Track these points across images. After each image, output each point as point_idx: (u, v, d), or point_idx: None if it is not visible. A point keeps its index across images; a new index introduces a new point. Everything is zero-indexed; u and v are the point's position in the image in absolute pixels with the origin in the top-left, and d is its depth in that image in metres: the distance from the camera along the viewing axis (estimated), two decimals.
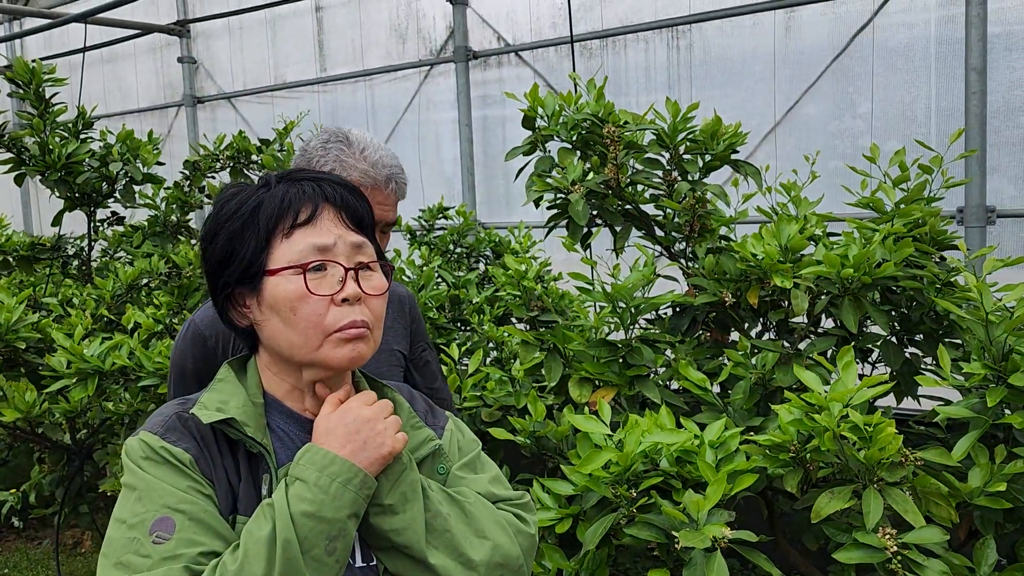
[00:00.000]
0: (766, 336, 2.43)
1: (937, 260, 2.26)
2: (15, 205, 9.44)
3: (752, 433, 1.74)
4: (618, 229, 2.41)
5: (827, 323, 2.35)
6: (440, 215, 4.60)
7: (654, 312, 2.60)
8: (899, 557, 1.39)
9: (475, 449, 1.33)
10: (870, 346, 2.28)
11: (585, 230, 2.51)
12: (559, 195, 2.28)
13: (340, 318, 1.16)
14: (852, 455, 1.48)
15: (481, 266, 4.35)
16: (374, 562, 1.18)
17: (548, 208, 2.43)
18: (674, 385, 2.34)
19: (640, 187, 2.38)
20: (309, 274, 1.14)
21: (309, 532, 1.06)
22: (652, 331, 2.30)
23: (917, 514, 1.44)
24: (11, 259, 3.71)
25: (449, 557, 1.16)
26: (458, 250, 4.44)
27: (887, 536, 1.41)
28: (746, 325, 2.34)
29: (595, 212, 2.38)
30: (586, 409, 1.88)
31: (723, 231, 2.53)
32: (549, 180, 2.30)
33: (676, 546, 1.42)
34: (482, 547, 1.19)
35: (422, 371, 1.95)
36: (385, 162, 1.73)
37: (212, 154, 4.04)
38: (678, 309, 2.42)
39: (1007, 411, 1.74)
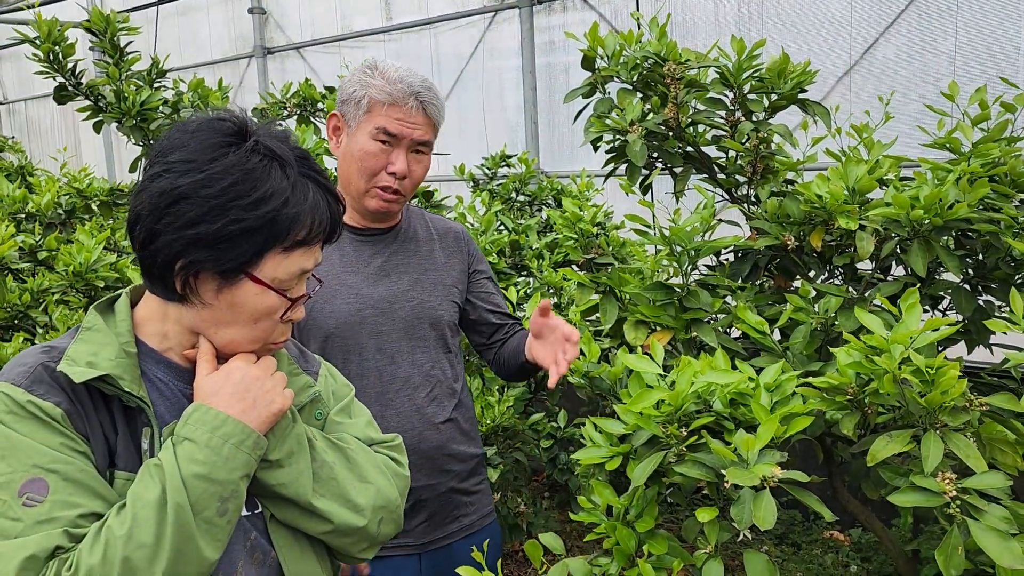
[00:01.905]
0: (832, 283, 2.36)
1: (1017, 203, 2.16)
2: (99, 155, 9.77)
3: (811, 378, 1.70)
4: (678, 171, 2.36)
5: (898, 271, 2.27)
6: (503, 163, 4.58)
7: (715, 258, 2.56)
8: (958, 502, 1.35)
9: (348, 394, 1.37)
10: (941, 293, 2.20)
11: (644, 172, 2.47)
12: (618, 136, 2.24)
13: (280, 335, 1.20)
14: (913, 398, 1.44)
15: (543, 213, 4.34)
16: (259, 510, 1.20)
17: (607, 152, 2.40)
18: (735, 333, 2.31)
19: (701, 128, 2.32)
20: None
21: (201, 494, 1.04)
22: (712, 276, 2.26)
23: (980, 459, 1.39)
24: (93, 204, 3.85)
25: (337, 503, 1.19)
26: (520, 198, 4.43)
27: (946, 480, 1.37)
28: (812, 272, 2.28)
29: (654, 154, 2.33)
30: (639, 350, 1.87)
31: (790, 176, 2.45)
32: (608, 121, 2.26)
33: (725, 485, 1.41)
34: (366, 491, 1.23)
35: (485, 298, 2.05)
36: (407, 80, 1.80)
37: (279, 102, 4.10)
38: (740, 254, 2.37)
39: None
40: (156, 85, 3.50)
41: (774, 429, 1.42)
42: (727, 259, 2.44)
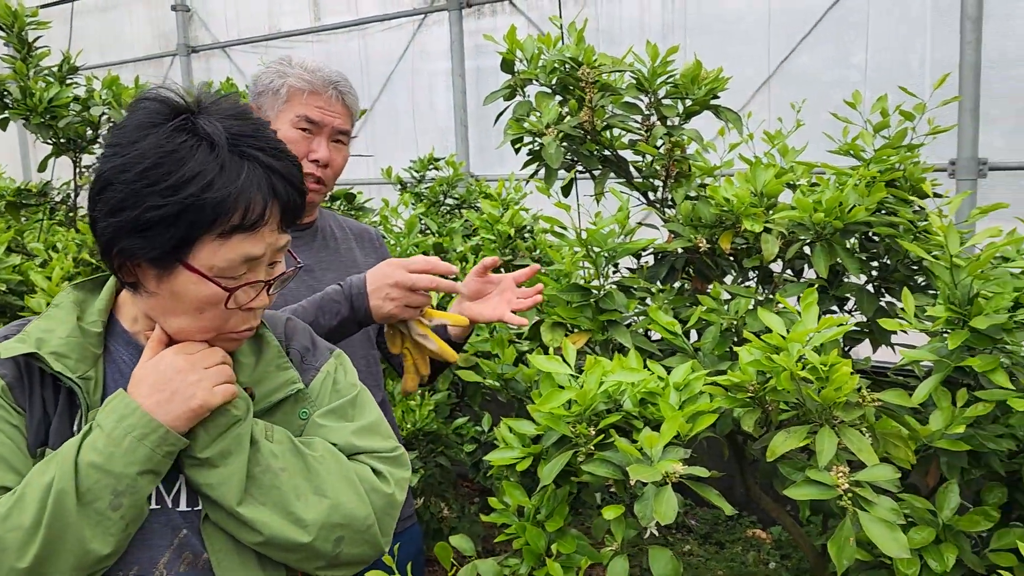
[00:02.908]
0: (748, 285, 2.43)
1: (916, 208, 2.25)
2: (14, 153, 9.42)
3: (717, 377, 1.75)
4: (596, 174, 2.39)
5: (810, 273, 2.34)
6: (431, 166, 4.57)
7: (636, 260, 2.60)
8: (850, 495, 1.40)
9: (351, 393, 1.26)
10: (848, 295, 2.27)
11: (561, 175, 2.50)
12: (535, 139, 2.26)
13: (240, 323, 1.13)
14: (809, 395, 1.49)
15: (474, 213, 4.34)
16: (199, 507, 1.14)
17: (528, 154, 2.42)
18: (655, 335, 2.35)
19: (618, 132, 2.36)
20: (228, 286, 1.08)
21: (93, 484, 1.02)
22: (629, 278, 2.30)
23: (871, 453, 1.45)
24: None
25: (272, 514, 1.10)
26: (449, 201, 4.42)
27: (839, 474, 1.42)
28: (731, 274, 2.33)
29: (572, 157, 2.36)
30: (551, 351, 1.89)
31: (708, 180, 2.51)
32: (525, 124, 2.28)
33: (631, 482, 1.44)
34: (318, 505, 1.12)
35: None
36: (325, 70, 1.81)
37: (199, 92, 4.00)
38: (658, 257, 2.41)
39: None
40: (68, 82, 3.39)
41: (677, 426, 1.45)
42: (647, 262, 2.49)
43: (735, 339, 2.09)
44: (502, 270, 2.33)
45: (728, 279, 2.39)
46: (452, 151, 5.53)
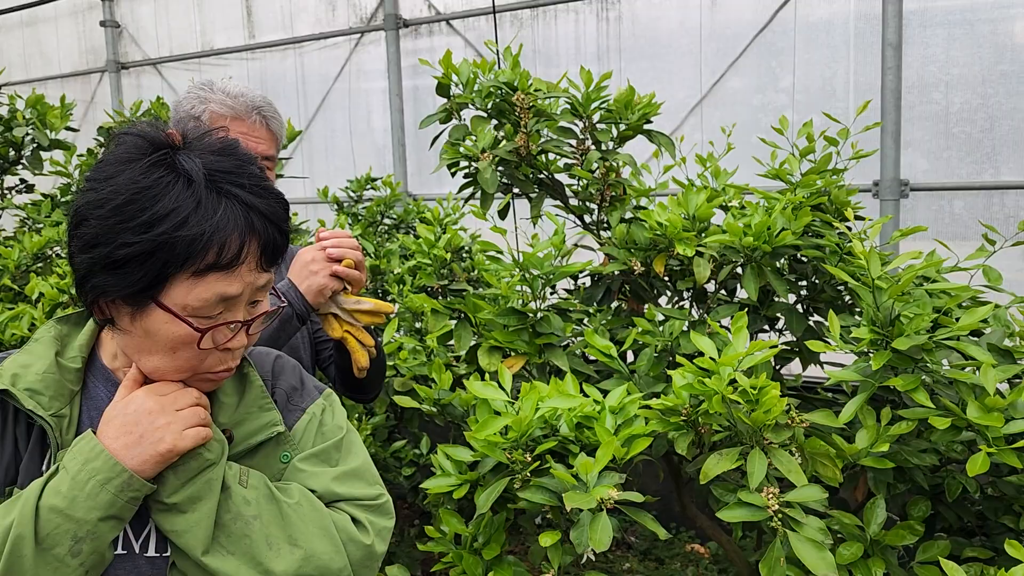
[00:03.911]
0: (682, 305, 2.47)
1: (843, 231, 2.32)
2: None
3: (651, 400, 1.77)
4: (532, 197, 2.41)
5: (743, 293, 2.39)
6: (368, 186, 4.55)
7: (574, 283, 2.62)
8: (780, 515, 1.43)
9: (337, 436, 1.22)
10: (779, 315, 2.33)
11: (498, 198, 2.51)
12: (471, 163, 2.27)
13: (217, 363, 1.10)
14: (740, 417, 1.51)
15: (410, 237, 4.33)
16: (167, 553, 1.09)
17: (464, 177, 2.42)
18: (593, 357, 2.37)
19: (553, 156, 2.38)
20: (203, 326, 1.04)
21: (53, 529, 0.99)
22: (565, 301, 2.32)
23: (800, 473, 1.48)
24: None
25: (244, 564, 1.06)
26: (386, 221, 4.40)
27: (770, 495, 1.45)
28: (667, 295, 2.37)
29: (508, 181, 2.38)
30: (487, 376, 1.89)
31: (644, 202, 2.55)
32: (461, 149, 2.29)
33: (568, 509, 1.44)
34: (290, 555, 1.08)
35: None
36: (248, 95, 1.78)
37: (128, 121, 3.92)
38: (595, 279, 2.44)
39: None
40: None
41: (611, 451, 1.46)
42: (584, 283, 2.51)
43: (670, 360, 2.12)
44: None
45: (664, 300, 2.43)
46: (390, 171, 5.51)
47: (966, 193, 3.78)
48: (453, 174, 2.44)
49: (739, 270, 2.18)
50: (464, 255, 3.02)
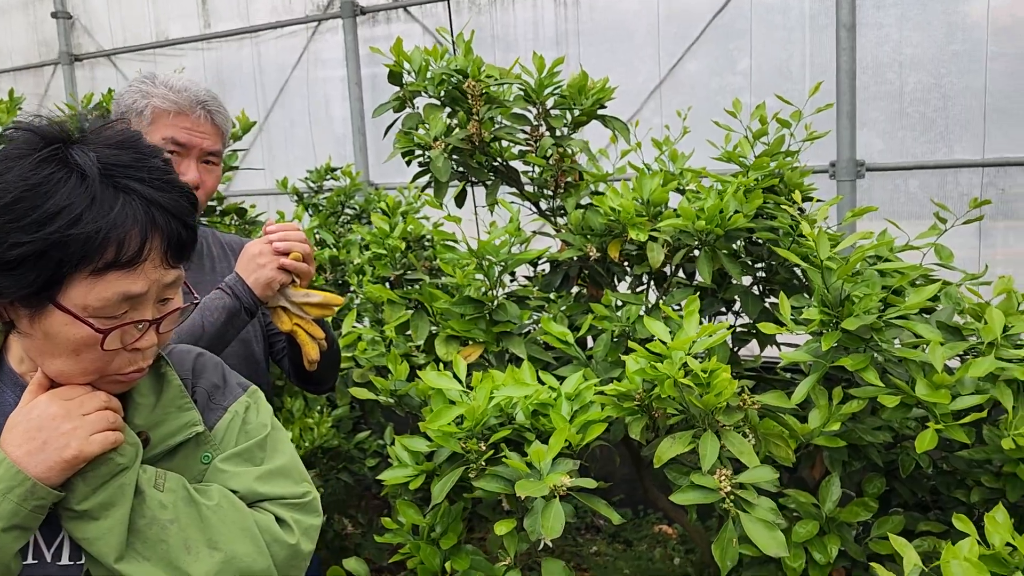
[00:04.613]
0: (642, 290, 2.47)
1: (798, 212, 2.33)
2: None
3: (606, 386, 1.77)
4: (488, 185, 2.40)
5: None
6: (328, 176, 4.50)
7: (533, 270, 2.61)
8: (732, 497, 1.44)
9: (261, 434, 1.19)
10: (735, 297, 2.34)
11: (457, 187, 2.50)
12: (424, 152, 2.25)
13: (127, 364, 1.06)
14: (692, 401, 1.52)
15: (368, 228, 4.29)
16: (81, 561, 1.06)
17: (419, 166, 2.40)
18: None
19: (507, 143, 2.37)
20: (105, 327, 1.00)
21: None
22: (523, 288, 2.31)
23: (752, 455, 1.49)
24: None
25: (161, 570, 1.04)
26: (348, 211, 4.36)
27: (722, 477, 1.46)
28: (627, 280, 2.37)
29: (463, 169, 2.36)
30: (442, 366, 1.88)
31: (602, 187, 2.55)
32: (414, 137, 2.26)
33: (522, 497, 1.44)
34: (210, 559, 1.06)
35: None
36: (192, 89, 1.76)
37: (80, 114, 3.84)
38: (553, 266, 2.44)
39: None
40: None
41: (564, 438, 1.46)
42: (542, 270, 2.51)
43: (627, 345, 2.12)
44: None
45: (624, 285, 2.43)
46: (351, 160, 5.46)
47: (921, 172, 3.83)
48: (408, 163, 2.42)
49: (695, 253, 2.19)
50: (426, 244, 3.01)
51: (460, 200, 2.57)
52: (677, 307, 2.18)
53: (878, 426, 1.85)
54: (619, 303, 2.17)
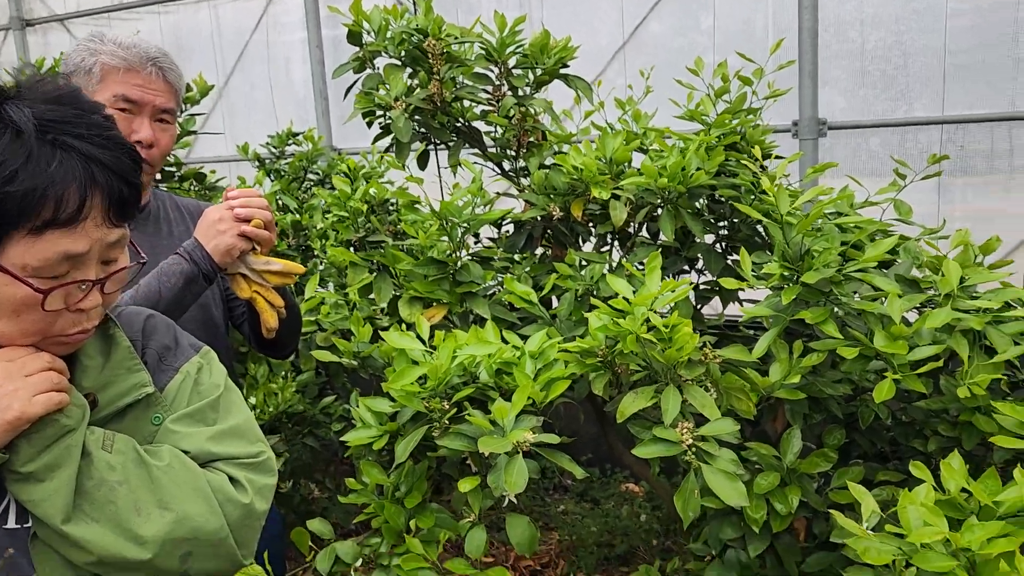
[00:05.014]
0: (605, 250, 2.47)
1: (761, 168, 2.34)
2: None
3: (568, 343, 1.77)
4: (451, 146, 2.38)
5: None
6: (290, 141, 4.43)
7: (498, 232, 2.60)
8: (694, 449, 1.46)
9: (213, 395, 1.18)
10: (699, 255, 2.35)
11: (421, 149, 2.47)
12: (384, 113, 2.22)
13: (71, 325, 1.04)
14: (654, 356, 1.53)
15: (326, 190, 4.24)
16: (28, 524, 1.06)
17: (380, 128, 2.37)
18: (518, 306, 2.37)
19: (469, 103, 2.34)
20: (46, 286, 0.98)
21: None
22: (487, 249, 2.30)
23: (713, 408, 1.51)
24: None
25: (110, 531, 1.03)
26: (311, 176, 4.30)
27: (684, 430, 1.47)
28: (592, 240, 2.37)
29: (425, 131, 2.33)
30: (405, 328, 1.87)
31: (567, 148, 2.53)
32: (375, 99, 2.23)
33: (486, 454, 1.45)
34: (160, 519, 1.05)
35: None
36: (142, 46, 1.73)
37: (13, 71, 3.73)
38: (517, 227, 2.42)
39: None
40: None
41: (528, 394, 1.46)
42: (507, 232, 2.50)
43: (591, 303, 2.13)
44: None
45: (591, 245, 2.43)
46: (314, 125, 5.38)
47: (882, 130, 3.86)
48: (369, 124, 2.39)
49: (658, 212, 2.19)
50: (390, 209, 2.98)
51: (423, 162, 2.55)
52: (640, 265, 2.19)
53: (838, 379, 1.88)
54: (583, 262, 2.17)
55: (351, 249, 2.31)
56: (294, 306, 1.84)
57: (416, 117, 2.24)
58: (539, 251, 2.44)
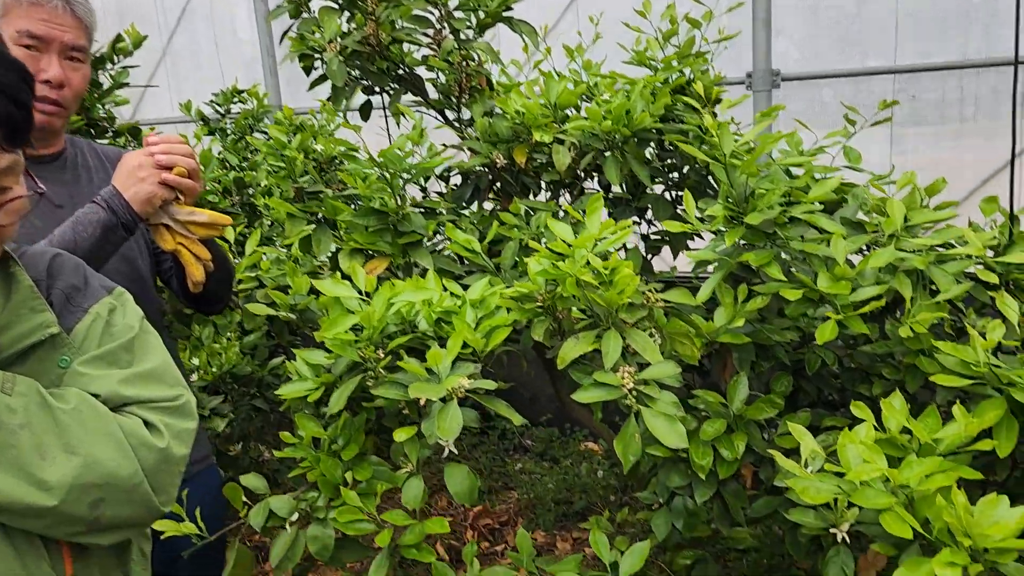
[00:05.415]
0: (554, 199, 2.42)
1: (712, 115, 2.30)
2: None
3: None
4: (392, 93, 2.30)
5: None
6: (235, 99, 4.30)
7: (444, 184, 2.53)
8: (635, 393, 1.43)
9: (127, 336, 1.14)
10: (649, 205, 2.31)
11: (363, 100, 2.39)
12: (318, 57, 2.14)
13: None
14: (594, 299, 1.49)
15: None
16: None
17: (319, 75, 2.29)
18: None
19: (410, 48, 2.26)
20: None
21: None
22: (431, 200, 2.24)
23: (655, 351, 1.47)
24: None
25: (11, 476, 0.98)
26: (258, 136, 4.18)
27: (625, 374, 1.44)
28: (541, 190, 2.31)
29: (365, 79, 2.25)
30: (338, 276, 1.81)
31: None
32: (309, 43, 2.14)
33: (422, 403, 1.40)
34: (67, 463, 1.00)
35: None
36: None
37: None
38: (464, 178, 2.36)
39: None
40: None
41: (464, 340, 1.42)
42: (456, 184, 2.43)
43: (533, 250, 2.08)
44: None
45: (542, 196, 2.38)
46: (261, 84, 5.23)
47: (836, 81, 3.84)
48: (307, 71, 2.31)
49: (599, 158, 2.14)
50: (339, 167, 2.89)
51: (365, 113, 2.47)
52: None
53: (786, 326, 1.86)
54: (530, 212, 2.12)
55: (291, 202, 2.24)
56: (224, 259, 1.76)
57: (356, 62, 2.16)
58: (489, 206, 2.38)
